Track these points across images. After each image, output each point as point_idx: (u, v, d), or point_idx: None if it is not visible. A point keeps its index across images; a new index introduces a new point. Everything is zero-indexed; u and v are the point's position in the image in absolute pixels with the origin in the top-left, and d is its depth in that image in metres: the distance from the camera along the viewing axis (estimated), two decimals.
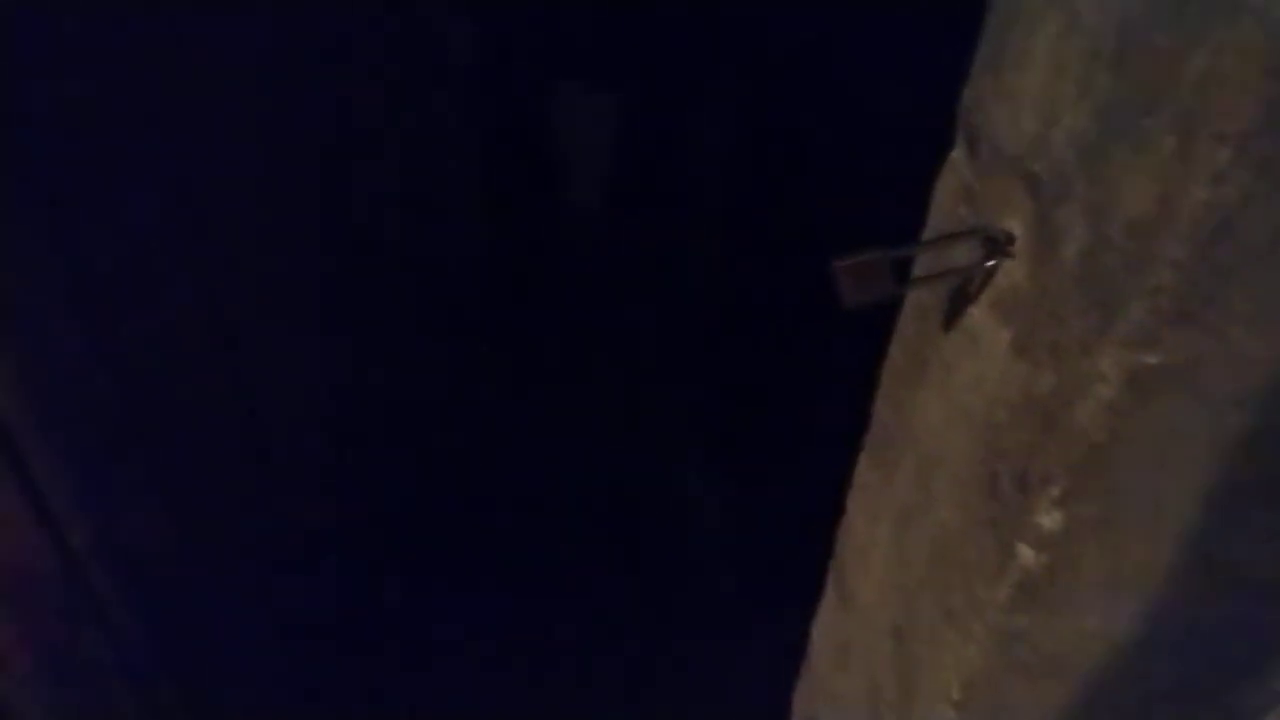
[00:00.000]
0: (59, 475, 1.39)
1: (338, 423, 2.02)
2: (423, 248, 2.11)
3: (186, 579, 1.78)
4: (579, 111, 2.32)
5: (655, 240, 2.33)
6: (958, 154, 0.90)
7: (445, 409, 2.35)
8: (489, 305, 2.35)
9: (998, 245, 0.77)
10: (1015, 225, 0.75)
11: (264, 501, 1.92)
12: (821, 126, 1.76)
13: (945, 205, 0.92)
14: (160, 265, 1.54)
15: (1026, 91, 0.73)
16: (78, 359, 1.40)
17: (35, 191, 1.33)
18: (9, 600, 1.37)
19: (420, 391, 2.25)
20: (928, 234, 0.93)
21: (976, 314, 0.86)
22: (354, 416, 2.07)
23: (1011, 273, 0.76)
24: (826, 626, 1.23)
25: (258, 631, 2.00)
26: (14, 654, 1.41)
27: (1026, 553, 0.73)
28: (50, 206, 1.37)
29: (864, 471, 1.11)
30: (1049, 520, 0.70)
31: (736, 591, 2.22)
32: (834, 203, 1.66)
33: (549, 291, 2.44)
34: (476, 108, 2.04)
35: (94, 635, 1.56)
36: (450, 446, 2.36)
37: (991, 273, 0.78)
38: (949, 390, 0.92)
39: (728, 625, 2.15)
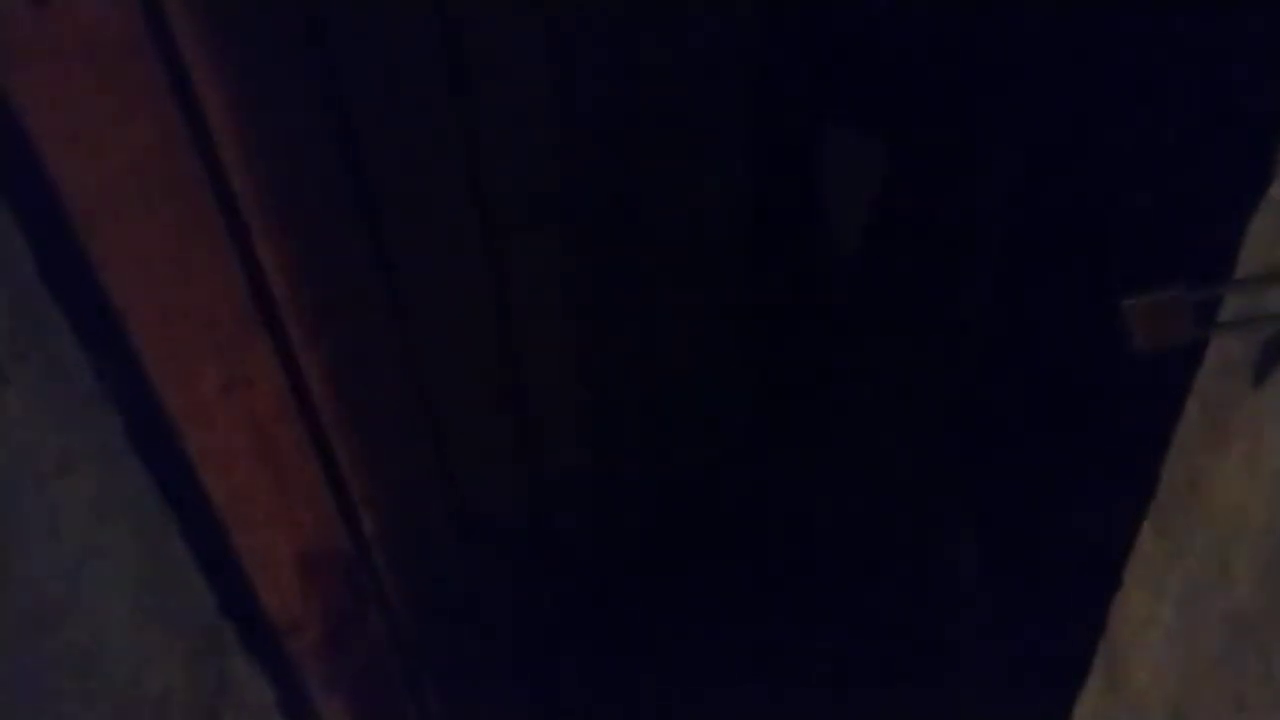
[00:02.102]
0: (357, 468, 1.55)
1: (600, 437, 2.10)
2: (687, 276, 2.16)
3: (456, 569, 1.91)
4: (852, 152, 2.31)
5: (928, 274, 2.25)
6: (1278, 191, 0.80)
7: (704, 444, 2.39)
8: (752, 338, 2.36)
9: None
10: None
11: (531, 508, 2.03)
12: (1119, 154, 1.63)
13: (1261, 244, 0.82)
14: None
15: None
16: (383, 359, 1.55)
17: None
18: (309, 576, 1.54)
19: (681, 421, 2.30)
20: (1239, 274, 0.84)
21: None
22: (612, 435, 2.14)
23: None
24: (1092, 708, 1.11)
25: (514, 628, 2.11)
26: (309, 623, 1.57)
27: None
28: None
29: (1148, 541, 1.00)
30: None
31: (993, 664, 2.06)
32: (1129, 237, 1.53)
33: (813, 331, 2.42)
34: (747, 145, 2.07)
35: (376, 614, 1.72)
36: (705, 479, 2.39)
37: None
38: (1257, 456, 0.82)
39: (983, 701, 2.00)
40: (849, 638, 2.17)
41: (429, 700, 1.98)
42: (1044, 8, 1.80)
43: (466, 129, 1.49)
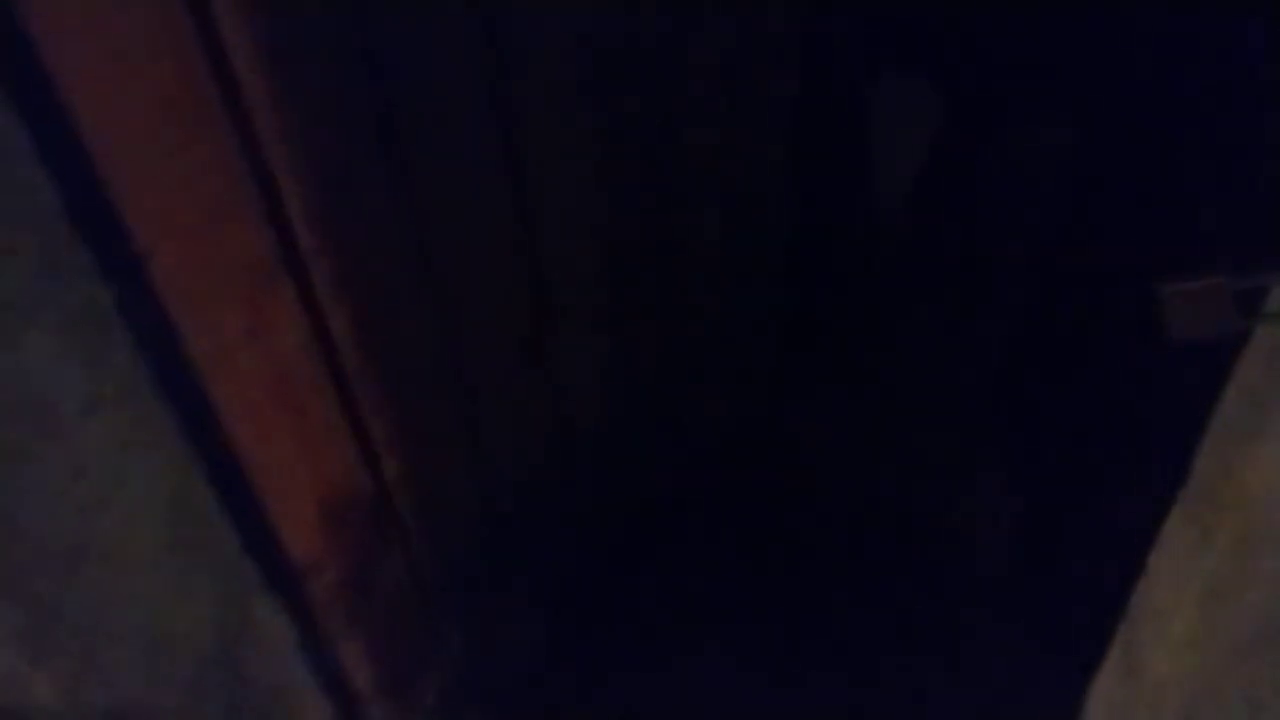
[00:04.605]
0: (379, 412, 1.55)
1: (625, 385, 2.09)
2: (733, 236, 2.12)
3: (476, 514, 1.93)
4: (901, 107, 2.23)
5: (968, 252, 2.20)
6: None
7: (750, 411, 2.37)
8: (793, 301, 2.33)
9: None
10: None
11: (552, 454, 2.03)
12: (1165, 132, 1.56)
13: None
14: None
15: None
16: (407, 305, 1.54)
17: None
18: (331, 518, 1.55)
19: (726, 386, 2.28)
20: None
21: None
22: (637, 384, 2.13)
23: None
24: (1107, 695, 1.10)
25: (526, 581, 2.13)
26: (330, 565, 1.59)
27: None
28: None
29: (1175, 529, 0.98)
30: None
31: (1010, 643, 2.05)
32: (1171, 221, 1.47)
33: (854, 290, 2.37)
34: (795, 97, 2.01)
35: (396, 557, 1.73)
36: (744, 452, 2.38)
37: None
38: None
39: (998, 680, 2.00)
40: (866, 608, 2.17)
41: (449, 642, 2.01)
42: None
43: (496, 64, 1.46)
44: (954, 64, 2.08)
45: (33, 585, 1.05)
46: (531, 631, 2.15)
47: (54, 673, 1.10)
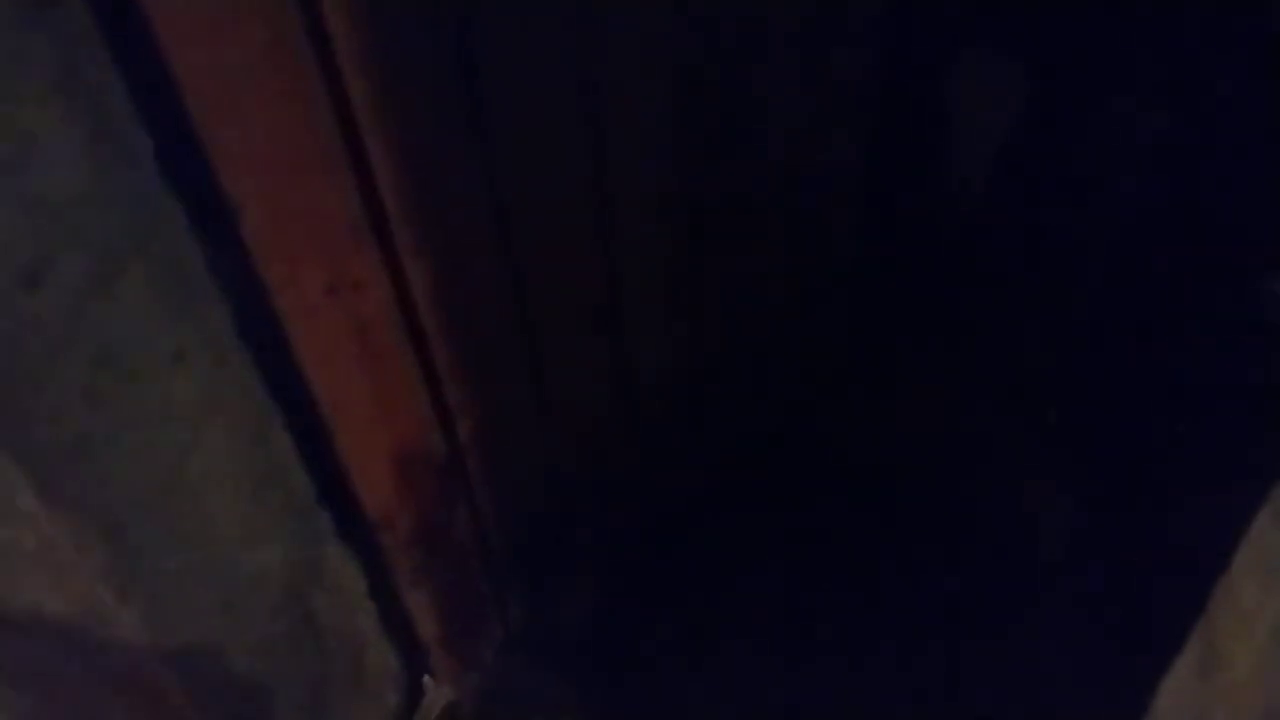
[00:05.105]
0: (455, 374, 1.58)
1: (693, 358, 2.08)
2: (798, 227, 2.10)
3: (544, 480, 1.95)
4: (987, 77, 2.16)
5: (1051, 223, 2.12)
6: None
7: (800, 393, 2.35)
8: (859, 274, 2.29)
9: None
10: None
11: (621, 427, 2.04)
12: (1262, 122, 1.48)
13: None
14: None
15: None
16: (485, 271, 1.56)
17: None
18: (403, 474, 1.58)
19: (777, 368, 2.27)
20: None
21: None
22: (705, 357, 2.12)
23: None
24: (1180, 692, 1.07)
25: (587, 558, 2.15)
26: (401, 519, 1.63)
27: None
28: None
29: (1266, 527, 0.94)
30: None
31: (1081, 634, 2.00)
32: (1271, 216, 1.40)
33: (925, 283, 2.33)
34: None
35: (465, 517, 1.77)
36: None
37: None
38: None
39: (1066, 667, 1.96)
40: (928, 595, 2.13)
41: (510, 605, 2.04)
42: None
43: (583, 46, 1.46)
44: (1039, 43, 2.01)
45: (121, 524, 1.10)
46: (582, 601, 2.18)
47: (137, 608, 1.15)
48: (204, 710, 1.31)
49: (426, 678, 1.94)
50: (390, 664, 1.82)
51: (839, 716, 1.96)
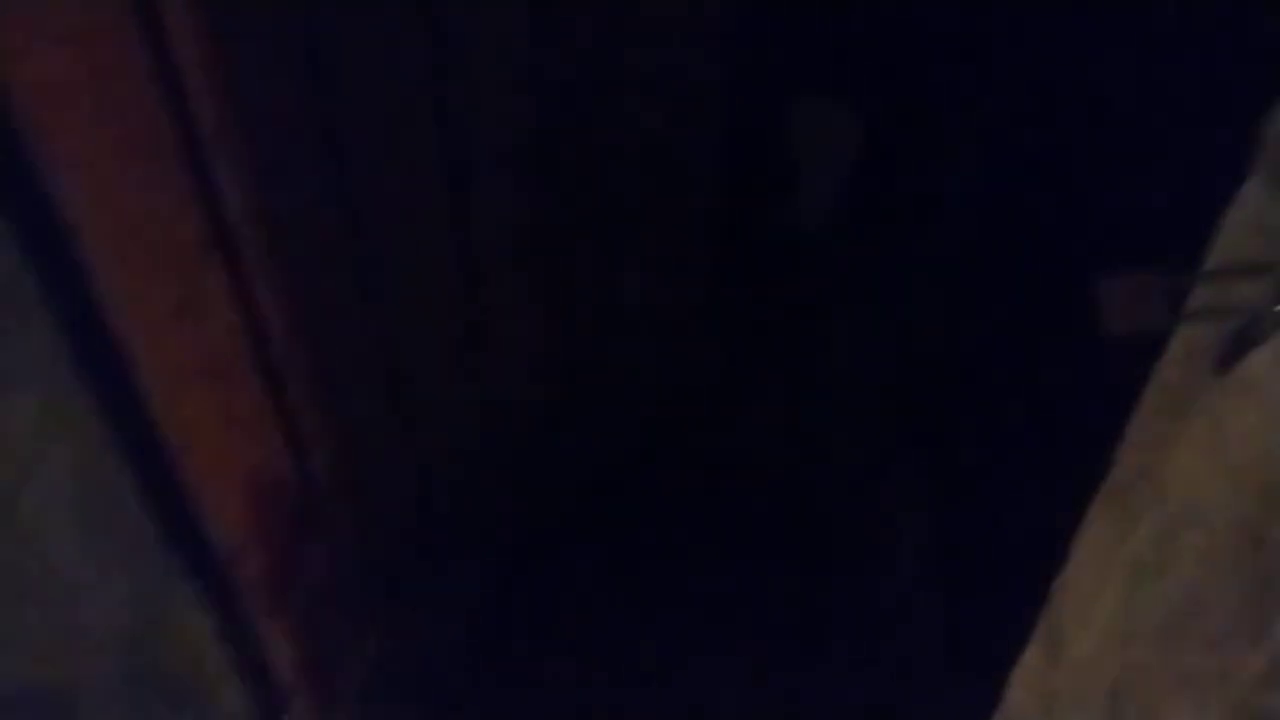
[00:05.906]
0: (309, 400, 1.52)
1: (560, 378, 2.09)
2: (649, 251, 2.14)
3: (405, 505, 1.91)
4: (822, 122, 2.30)
5: (895, 248, 2.25)
6: (1254, 186, 0.80)
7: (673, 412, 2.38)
8: (715, 305, 2.35)
9: None
10: None
11: (486, 446, 2.02)
12: (1095, 135, 1.62)
13: (1233, 238, 0.83)
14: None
15: None
16: (340, 292, 1.52)
17: None
18: (255, 506, 1.51)
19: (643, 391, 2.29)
20: (1210, 266, 0.84)
21: (1259, 361, 0.77)
22: (572, 377, 2.13)
23: None
24: (1031, 676, 1.14)
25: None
26: (250, 554, 1.56)
27: None
28: None
29: (1098, 519, 1.02)
30: None
31: (932, 630, 2.10)
32: (1101, 221, 1.53)
33: (777, 306, 2.42)
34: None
35: (322, 547, 1.70)
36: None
37: None
38: (1214, 442, 0.83)
39: (921, 662, 2.05)
40: (789, 600, 2.20)
41: (373, 635, 1.98)
42: None
43: (436, 65, 1.45)
44: (869, 86, 2.14)
45: None
46: (455, 627, 2.13)
47: None
48: None
49: (284, 719, 1.85)
50: (243, 708, 1.72)
51: None
